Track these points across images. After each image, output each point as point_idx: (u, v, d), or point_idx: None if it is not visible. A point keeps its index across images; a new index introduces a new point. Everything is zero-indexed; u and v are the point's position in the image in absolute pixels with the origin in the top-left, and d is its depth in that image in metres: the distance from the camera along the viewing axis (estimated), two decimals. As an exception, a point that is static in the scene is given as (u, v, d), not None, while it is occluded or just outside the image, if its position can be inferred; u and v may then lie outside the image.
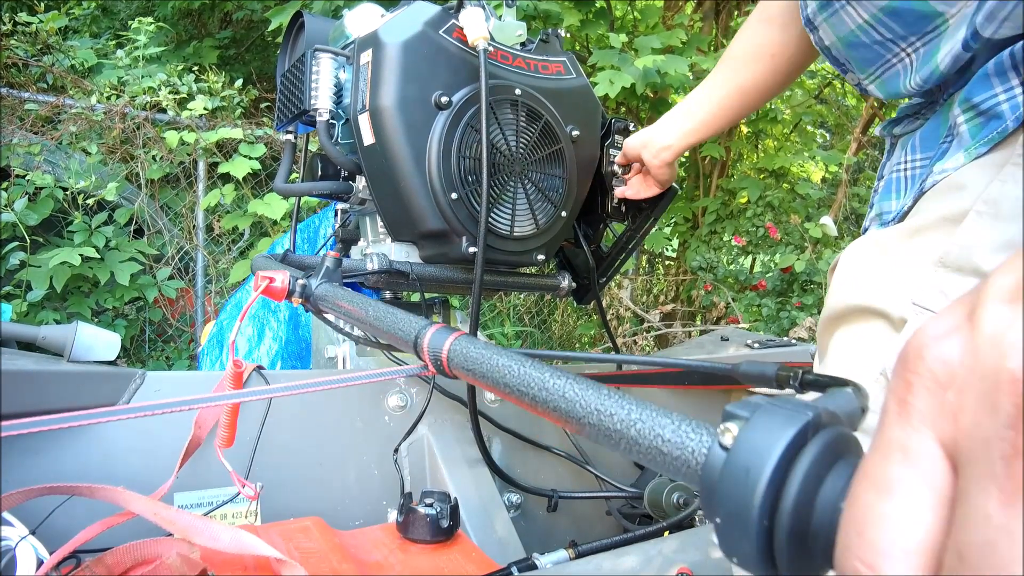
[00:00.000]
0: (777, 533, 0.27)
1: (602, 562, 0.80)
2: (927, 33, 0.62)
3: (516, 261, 1.09)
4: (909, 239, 0.59)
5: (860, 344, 0.60)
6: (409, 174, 0.97)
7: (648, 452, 0.35)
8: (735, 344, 1.59)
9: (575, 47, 3.55)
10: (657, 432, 0.35)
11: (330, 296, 0.79)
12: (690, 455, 0.33)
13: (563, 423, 0.43)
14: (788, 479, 0.27)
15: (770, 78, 0.90)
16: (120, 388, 0.92)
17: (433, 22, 0.98)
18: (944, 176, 0.57)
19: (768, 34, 0.88)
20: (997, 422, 0.21)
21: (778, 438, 0.28)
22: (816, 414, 0.28)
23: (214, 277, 3.47)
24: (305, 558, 0.77)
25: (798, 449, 0.28)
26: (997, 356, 0.22)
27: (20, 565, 0.64)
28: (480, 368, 0.51)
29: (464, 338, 0.56)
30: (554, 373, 0.45)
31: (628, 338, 3.78)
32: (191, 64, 4.11)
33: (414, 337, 0.61)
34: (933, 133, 0.65)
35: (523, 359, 0.48)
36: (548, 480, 1.21)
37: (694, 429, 0.34)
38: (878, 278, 0.60)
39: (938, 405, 0.24)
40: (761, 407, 0.29)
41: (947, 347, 0.24)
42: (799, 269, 3.25)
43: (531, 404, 0.45)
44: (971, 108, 0.56)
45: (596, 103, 1.16)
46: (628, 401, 0.38)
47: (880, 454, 0.25)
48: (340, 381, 0.64)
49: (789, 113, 4.22)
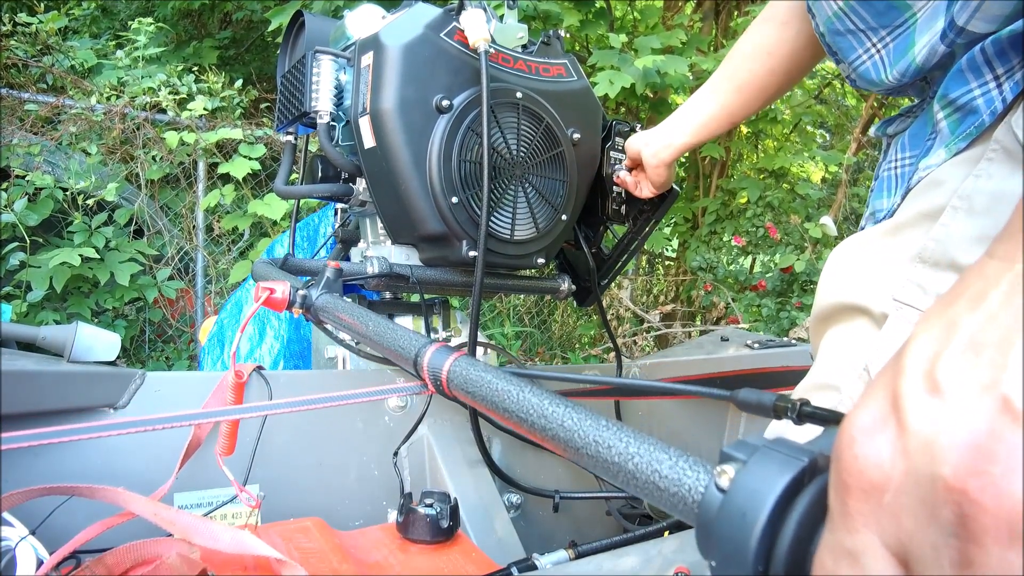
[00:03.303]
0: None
1: (602, 562, 0.80)
2: (896, 27, 0.62)
3: (516, 264, 1.09)
4: (891, 237, 0.59)
5: (845, 342, 0.61)
6: (409, 177, 0.97)
7: (645, 487, 0.36)
8: (735, 344, 1.59)
9: (575, 47, 3.55)
10: (654, 467, 0.35)
11: (330, 308, 0.79)
12: (687, 492, 0.33)
13: (561, 451, 0.43)
14: (783, 526, 0.27)
15: (769, 77, 0.90)
16: (120, 388, 0.92)
17: (434, 24, 0.98)
18: (928, 173, 0.58)
19: (767, 32, 0.88)
20: (941, 530, 0.21)
21: (774, 484, 0.28)
22: (811, 460, 0.29)
23: (214, 277, 3.47)
24: (305, 558, 0.77)
25: (793, 495, 0.28)
26: (930, 461, 0.21)
27: (20, 565, 0.64)
28: (479, 391, 0.51)
29: (464, 359, 0.56)
30: (553, 400, 0.45)
31: (628, 338, 3.78)
32: (191, 64, 4.11)
33: (414, 355, 0.60)
34: (920, 131, 0.65)
35: (522, 384, 0.48)
36: (548, 480, 1.21)
37: (691, 466, 0.34)
38: (861, 276, 0.61)
39: (877, 508, 0.23)
40: (758, 451, 0.30)
41: (876, 446, 0.23)
42: (799, 269, 3.25)
43: (529, 430, 0.45)
44: (949, 104, 0.57)
45: (597, 105, 1.16)
46: (626, 433, 0.38)
47: (831, 558, 0.25)
48: (340, 398, 0.64)
49: (789, 113, 4.22)
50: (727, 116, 0.96)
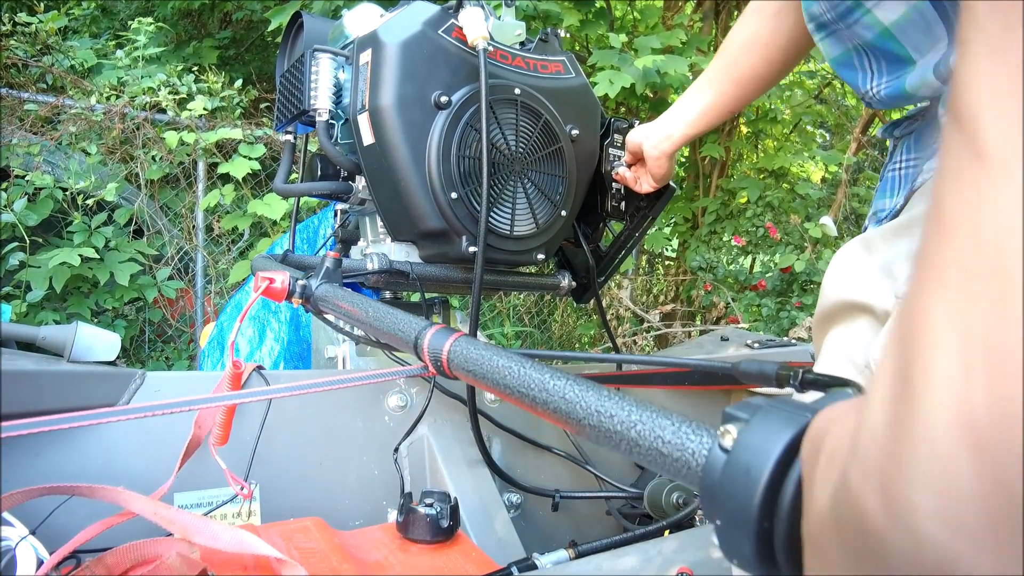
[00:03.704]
0: (776, 534, 0.27)
1: (602, 562, 0.80)
2: (895, 76, 0.65)
3: (516, 260, 1.09)
4: (896, 236, 0.60)
5: (849, 340, 0.62)
6: (409, 174, 0.97)
7: (648, 453, 0.35)
8: (735, 344, 1.59)
9: (575, 47, 3.55)
10: (657, 433, 0.35)
11: (330, 297, 0.79)
12: (690, 456, 0.33)
13: (563, 424, 0.43)
14: (786, 481, 0.27)
15: (765, 67, 0.90)
16: (120, 388, 0.92)
17: (432, 22, 0.98)
18: (932, 174, 0.59)
19: (760, 23, 0.89)
20: None
21: (777, 440, 0.28)
22: (814, 415, 0.28)
23: (214, 277, 3.47)
24: (305, 558, 0.77)
25: (797, 451, 0.28)
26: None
27: (20, 565, 0.64)
28: (480, 369, 0.51)
29: (464, 339, 0.56)
30: (554, 374, 0.45)
31: (628, 338, 3.78)
32: (191, 64, 4.11)
33: (414, 338, 0.61)
34: (928, 133, 0.66)
35: (523, 360, 0.48)
36: (548, 480, 1.21)
37: (694, 430, 0.34)
38: (865, 275, 0.61)
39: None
40: (760, 409, 0.30)
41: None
42: (799, 269, 3.25)
43: (531, 405, 0.45)
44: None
45: (595, 102, 1.16)
46: (628, 402, 0.38)
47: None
48: (340, 382, 0.64)
49: (789, 113, 4.22)
50: (725, 107, 0.97)
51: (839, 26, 0.67)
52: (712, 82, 0.96)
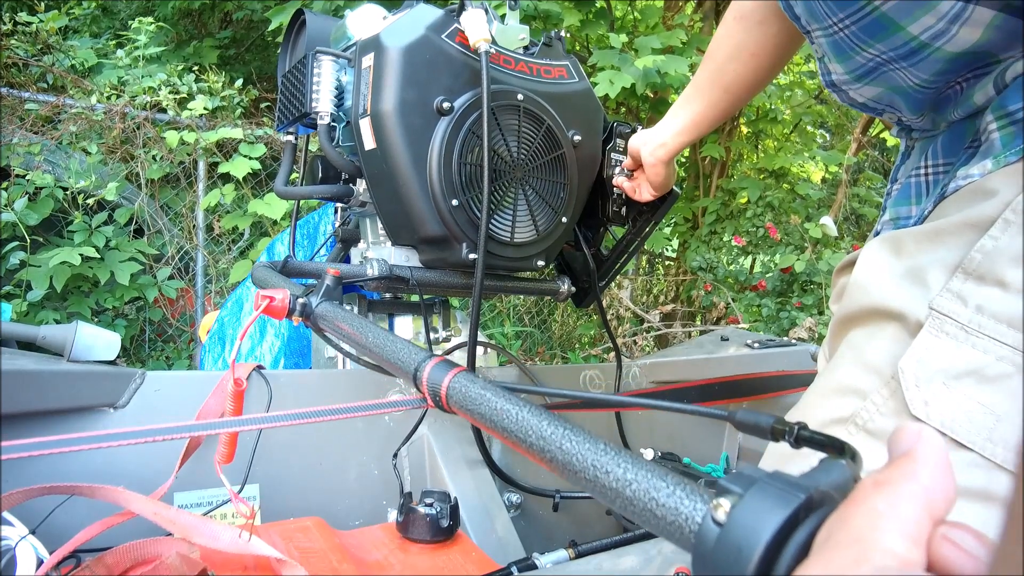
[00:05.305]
0: None
1: (602, 562, 0.80)
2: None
3: (516, 267, 1.09)
4: (929, 242, 0.57)
5: (874, 345, 0.58)
6: (410, 179, 0.97)
7: (642, 514, 0.36)
8: (735, 344, 1.59)
9: (575, 47, 3.55)
10: (652, 495, 0.35)
11: (330, 316, 0.79)
12: (683, 522, 0.33)
13: (559, 474, 0.43)
14: (778, 562, 0.28)
15: (753, 75, 0.89)
16: (120, 388, 0.92)
17: (435, 26, 0.98)
18: (969, 181, 0.56)
19: (745, 34, 0.86)
20: None
21: (770, 520, 0.28)
22: (808, 496, 0.29)
23: (214, 277, 3.47)
24: (305, 558, 0.77)
25: (789, 532, 0.28)
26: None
27: (20, 565, 0.64)
28: (478, 409, 0.51)
29: (464, 375, 0.56)
30: (552, 421, 0.45)
31: (628, 338, 3.78)
32: (191, 64, 4.11)
33: (414, 369, 0.60)
34: (957, 138, 0.64)
35: (522, 404, 0.48)
36: (548, 480, 1.21)
37: (688, 495, 0.34)
38: (894, 280, 0.58)
39: None
40: (755, 483, 0.30)
41: None
42: (799, 269, 3.25)
43: (527, 451, 0.45)
44: (1005, 116, 0.55)
45: (598, 107, 1.16)
46: (624, 458, 0.39)
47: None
48: (340, 412, 0.64)
49: (789, 113, 4.22)
50: (716, 115, 0.96)
51: (900, 64, 0.64)
52: (701, 91, 0.95)
